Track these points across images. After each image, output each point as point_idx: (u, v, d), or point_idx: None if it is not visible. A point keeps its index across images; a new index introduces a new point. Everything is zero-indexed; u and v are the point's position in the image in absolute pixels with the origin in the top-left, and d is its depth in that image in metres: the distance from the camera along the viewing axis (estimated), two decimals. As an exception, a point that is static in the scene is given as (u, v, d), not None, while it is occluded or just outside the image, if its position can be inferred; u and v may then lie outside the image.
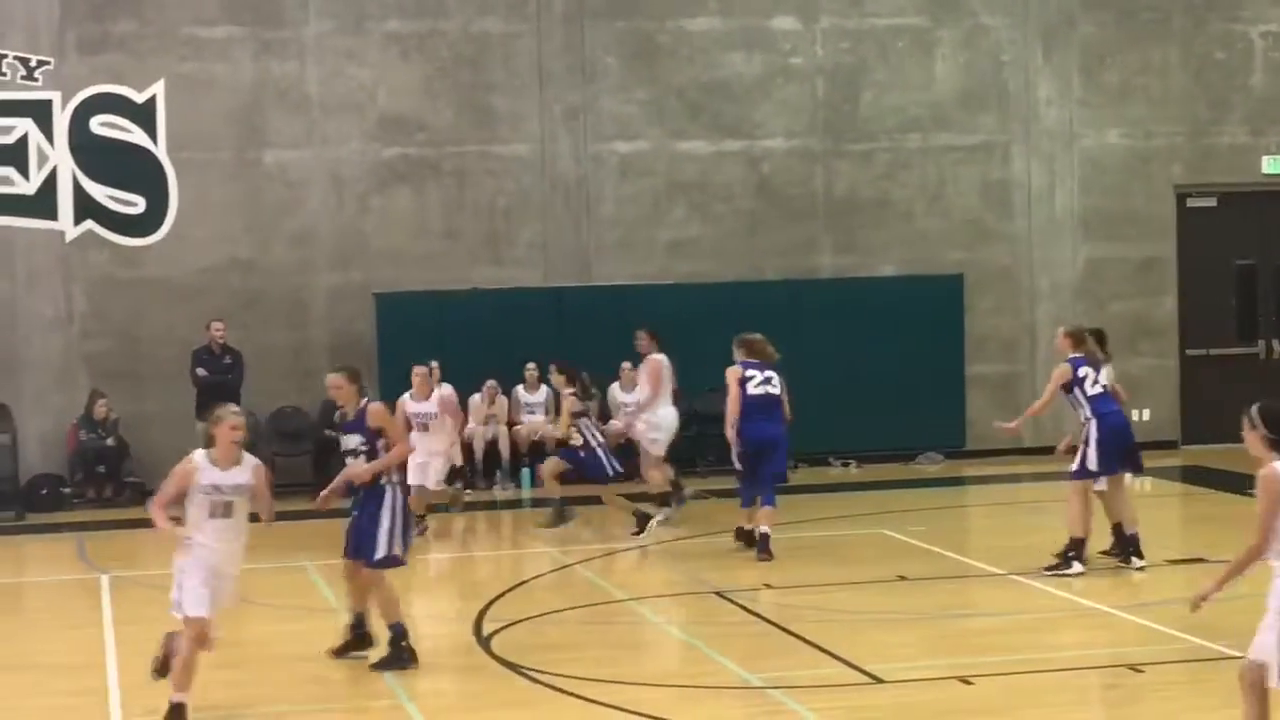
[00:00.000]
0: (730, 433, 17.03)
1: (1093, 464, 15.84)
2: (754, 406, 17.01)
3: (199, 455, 11.38)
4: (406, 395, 19.76)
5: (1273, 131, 25.41)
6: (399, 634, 12.85)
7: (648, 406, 20.00)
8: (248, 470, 11.54)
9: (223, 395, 22.01)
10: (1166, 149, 25.24)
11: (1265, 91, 25.40)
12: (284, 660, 13.60)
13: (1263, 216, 25.45)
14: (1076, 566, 15.74)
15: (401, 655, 12.79)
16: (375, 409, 12.99)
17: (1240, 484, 17.79)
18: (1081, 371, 16.13)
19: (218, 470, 11.38)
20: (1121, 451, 16.10)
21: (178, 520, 11.39)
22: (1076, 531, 15.89)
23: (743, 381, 17.12)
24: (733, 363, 17.29)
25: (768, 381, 17.17)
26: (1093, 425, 15.93)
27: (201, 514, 11.36)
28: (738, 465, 17.21)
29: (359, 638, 13.14)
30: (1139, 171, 25.21)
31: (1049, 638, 13.74)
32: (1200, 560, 16.37)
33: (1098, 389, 16.12)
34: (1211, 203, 25.54)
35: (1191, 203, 25.46)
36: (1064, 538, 16.05)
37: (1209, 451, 23.80)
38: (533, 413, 23.21)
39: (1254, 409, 9.18)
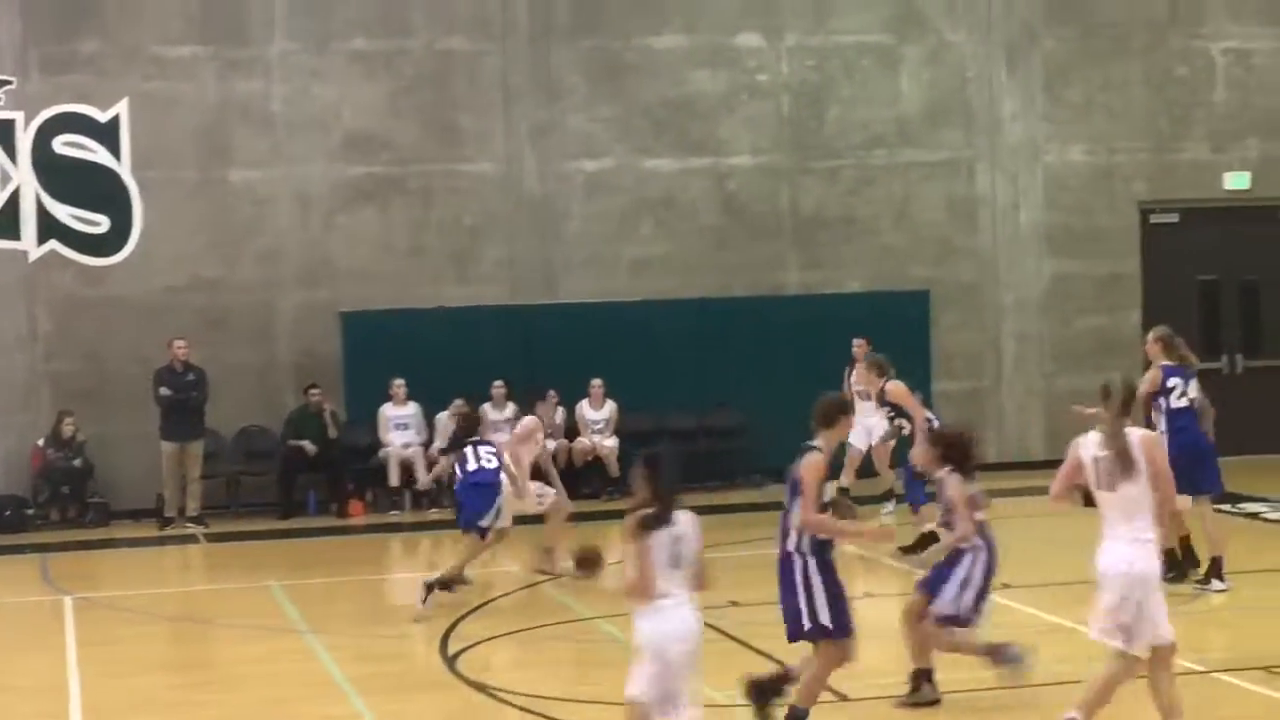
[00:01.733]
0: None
1: None
2: None
3: None
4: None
5: (1234, 148, 25.53)
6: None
7: None
8: None
9: (186, 414, 22.09)
10: (1129, 165, 25.34)
11: (1226, 108, 25.52)
12: (248, 681, 13.56)
13: (1225, 232, 25.55)
14: (1216, 584, 15.35)
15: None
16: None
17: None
18: (1171, 381, 15.44)
19: None
20: (1192, 473, 14.75)
21: None
22: (1213, 550, 15.47)
23: None
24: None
25: None
26: (1164, 442, 14.58)
27: None
28: None
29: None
30: (1102, 187, 25.29)
31: (1014, 654, 13.74)
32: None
33: (1182, 402, 15.37)
34: (1174, 219, 25.64)
35: (1154, 219, 25.56)
36: (1022, 552, 16.07)
37: (1174, 466, 23.84)
38: (499, 430, 23.15)
39: None
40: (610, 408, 23.30)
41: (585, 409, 23.31)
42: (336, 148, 23.63)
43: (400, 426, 22.84)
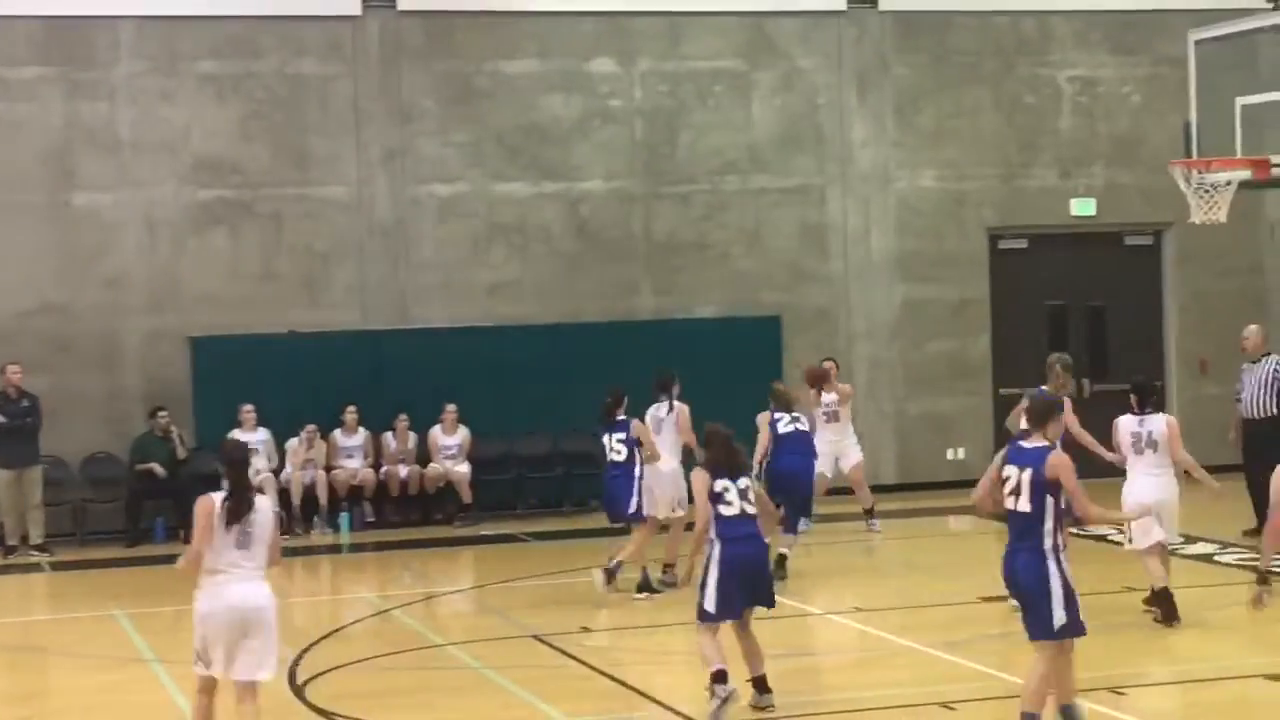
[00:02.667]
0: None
1: None
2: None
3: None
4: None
5: (1081, 174, 25.87)
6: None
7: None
8: None
9: (21, 440, 21.73)
10: (979, 191, 25.60)
11: (1073, 135, 25.85)
12: (92, 712, 13.35)
13: (1072, 258, 25.87)
14: None
15: None
16: None
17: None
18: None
19: None
20: None
21: None
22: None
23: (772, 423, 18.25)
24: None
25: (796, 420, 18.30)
26: None
27: None
28: None
29: None
30: (952, 213, 25.53)
31: (865, 676, 13.84)
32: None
33: None
34: (1023, 244, 25.94)
35: (1003, 244, 25.84)
36: (874, 574, 16.13)
37: (1023, 489, 24.09)
38: (351, 457, 23.03)
39: None
40: (463, 433, 23.19)
41: (438, 435, 23.18)
42: (186, 171, 23.38)
43: (250, 453, 22.53)
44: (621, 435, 17.29)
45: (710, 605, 12.13)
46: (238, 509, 10.61)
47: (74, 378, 22.88)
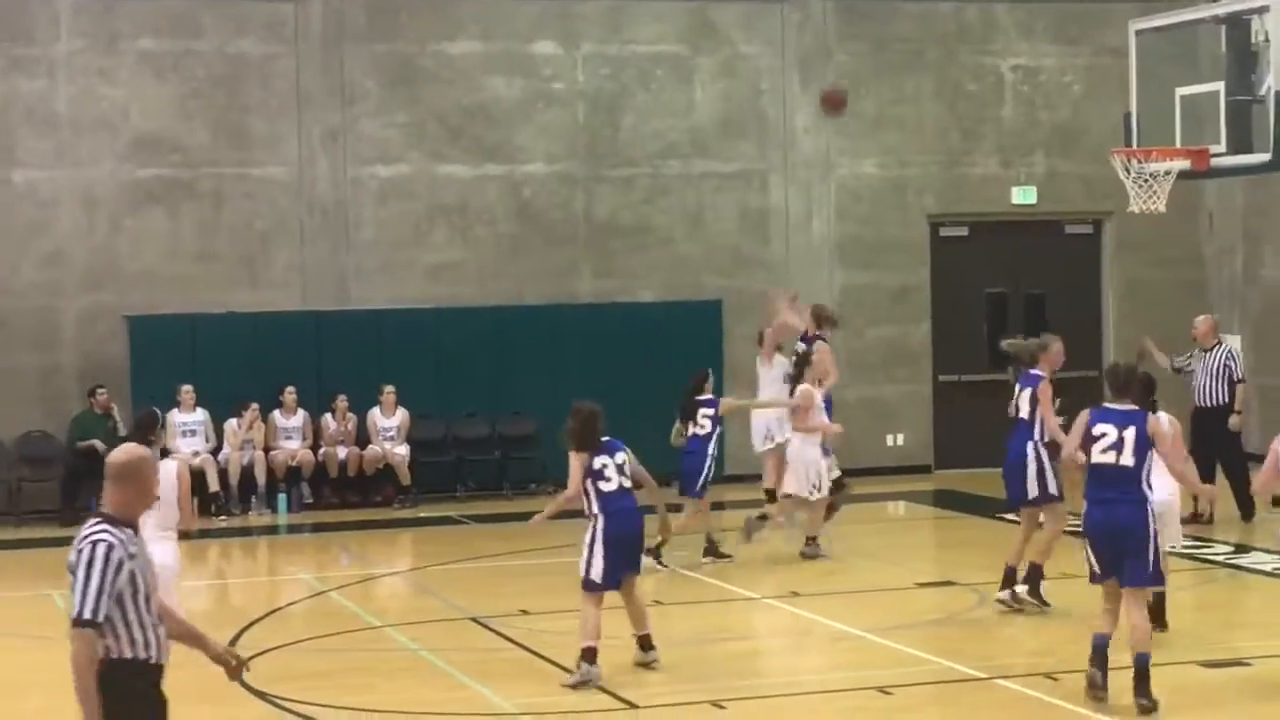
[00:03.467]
0: None
1: None
2: None
3: None
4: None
5: (1022, 162, 25.96)
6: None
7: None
8: None
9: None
10: (920, 178, 25.67)
11: (1014, 124, 25.94)
12: (25, 690, 13.27)
13: (1012, 246, 25.97)
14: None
15: None
16: None
17: (989, 507, 18.15)
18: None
19: None
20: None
21: None
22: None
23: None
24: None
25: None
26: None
27: None
28: None
29: None
30: (893, 200, 25.59)
31: (801, 661, 13.88)
32: (950, 583, 16.62)
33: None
34: (963, 232, 26.02)
35: (944, 232, 25.92)
36: (812, 559, 16.17)
37: (960, 476, 24.26)
38: (290, 438, 22.95)
39: None
40: (402, 415, 23.13)
41: (376, 416, 23.11)
42: (124, 149, 23.23)
43: (188, 433, 22.50)
44: (709, 411, 17.94)
45: (596, 576, 12.79)
46: None
47: (9, 356, 22.74)
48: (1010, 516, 16.97)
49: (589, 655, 12.63)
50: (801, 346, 19.53)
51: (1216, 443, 19.58)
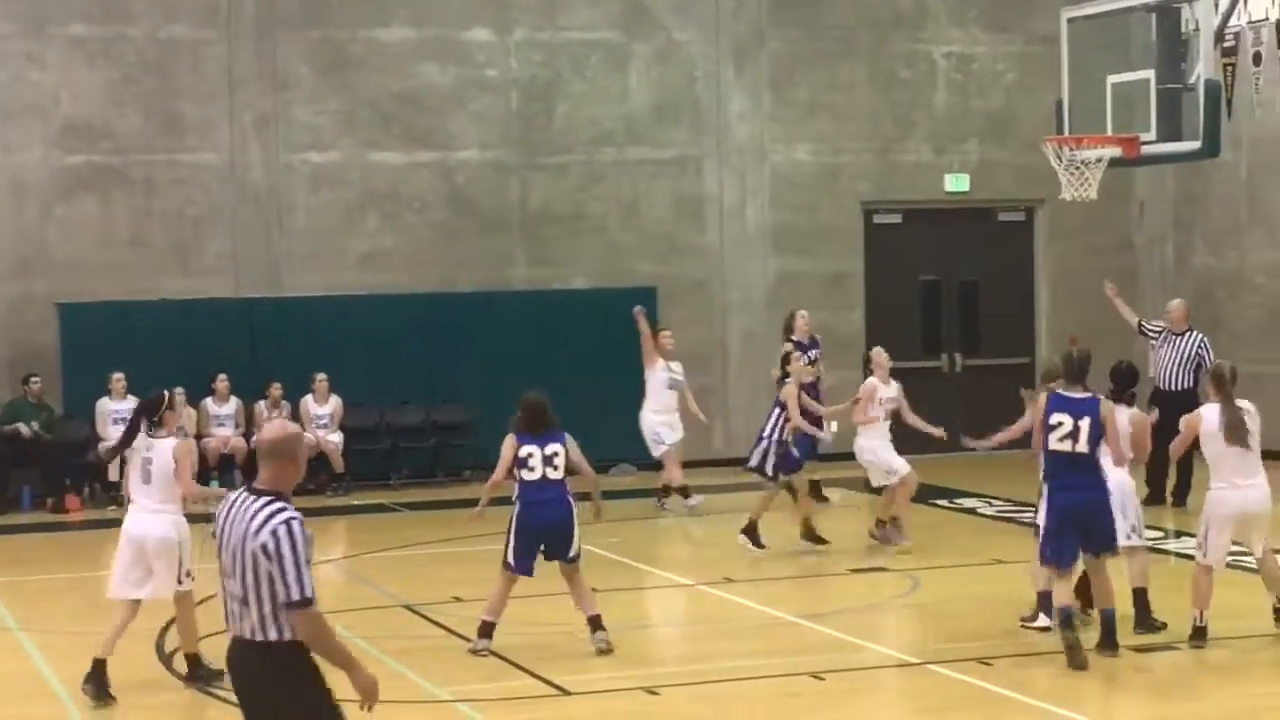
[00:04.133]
0: None
1: None
2: None
3: None
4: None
5: (955, 150, 26.05)
6: None
7: None
8: None
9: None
10: (854, 165, 25.72)
11: (947, 111, 26.03)
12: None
13: (945, 233, 26.06)
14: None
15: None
16: None
17: (920, 493, 18.23)
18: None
19: None
20: None
21: None
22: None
23: None
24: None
25: None
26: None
27: None
28: None
29: None
30: (827, 187, 25.65)
31: (735, 647, 13.88)
32: (882, 569, 16.68)
33: None
34: (897, 219, 26.11)
35: (878, 219, 25.99)
36: (738, 547, 16.22)
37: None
38: (222, 425, 22.82)
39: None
40: (335, 403, 23.05)
41: (309, 404, 23.03)
42: (55, 136, 23.06)
43: (119, 421, 22.23)
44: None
45: (510, 559, 13.33)
46: (123, 446, 12.74)
47: (-61, 344, 22.57)
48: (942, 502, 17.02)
49: (482, 629, 13.30)
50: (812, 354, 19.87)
51: (1174, 428, 19.66)
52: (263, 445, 7.71)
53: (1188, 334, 20.27)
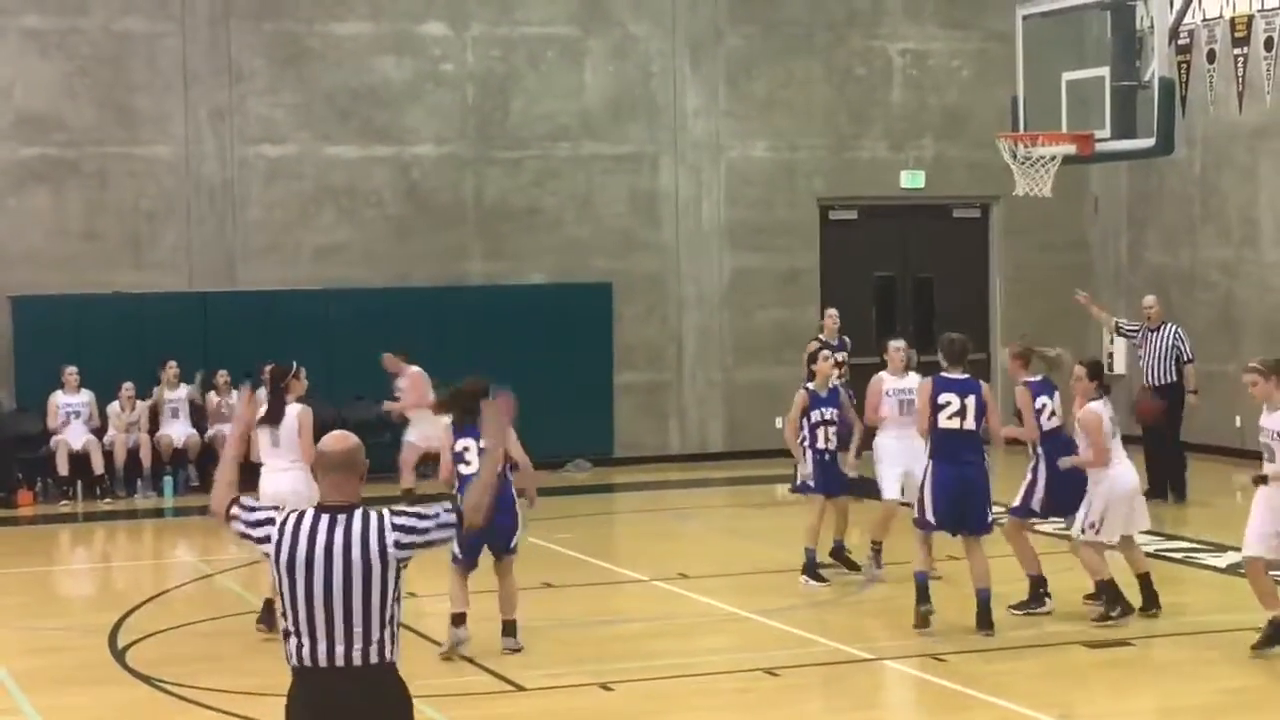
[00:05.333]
0: None
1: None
2: None
3: None
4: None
5: (911, 146, 26.10)
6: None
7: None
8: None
9: None
10: (810, 162, 25.75)
11: (903, 108, 26.08)
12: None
13: (901, 230, 26.12)
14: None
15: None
16: None
17: (876, 489, 18.23)
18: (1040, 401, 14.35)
19: None
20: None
21: None
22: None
23: None
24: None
25: None
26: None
27: None
28: None
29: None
30: (783, 183, 25.67)
31: (689, 643, 13.89)
32: (838, 566, 16.67)
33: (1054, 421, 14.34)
34: (852, 215, 26.15)
35: (833, 215, 26.03)
36: (700, 542, 16.17)
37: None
38: (176, 415, 22.66)
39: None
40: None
41: (264, 398, 22.87)
42: (7, 128, 22.92)
43: (72, 415, 22.23)
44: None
45: (455, 550, 12.91)
46: (272, 416, 13.97)
47: (-110, 337, 22.42)
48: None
49: (455, 620, 13.09)
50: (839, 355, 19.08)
51: (1163, 422, 20.06)
52: (334, 458, 7.07)
53: (1163, 328, 20.56)
